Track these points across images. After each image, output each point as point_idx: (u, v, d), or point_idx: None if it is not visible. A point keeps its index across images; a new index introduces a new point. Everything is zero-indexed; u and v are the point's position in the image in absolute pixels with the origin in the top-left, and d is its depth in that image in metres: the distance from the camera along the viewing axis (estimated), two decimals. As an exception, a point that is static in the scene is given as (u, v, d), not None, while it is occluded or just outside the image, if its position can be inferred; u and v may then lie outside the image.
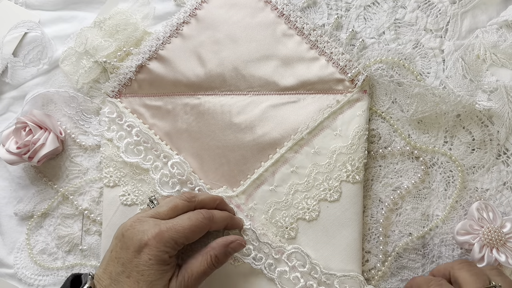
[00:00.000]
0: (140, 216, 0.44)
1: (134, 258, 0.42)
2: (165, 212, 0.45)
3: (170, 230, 0.42)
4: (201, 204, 0.47)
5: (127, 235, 0.43)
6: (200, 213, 0.45)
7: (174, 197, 0.47)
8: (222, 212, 0.48)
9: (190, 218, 0.44)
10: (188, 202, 0.46)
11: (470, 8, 0.53)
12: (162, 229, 0.42)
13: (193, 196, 0.47)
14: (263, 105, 0.53)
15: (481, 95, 0.51)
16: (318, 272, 0.49)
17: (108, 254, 0.44)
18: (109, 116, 0.56)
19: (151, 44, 0.55)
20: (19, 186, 0.59)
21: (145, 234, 0.42)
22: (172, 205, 0.45)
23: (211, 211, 0.46)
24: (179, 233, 0.43)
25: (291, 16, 0.54)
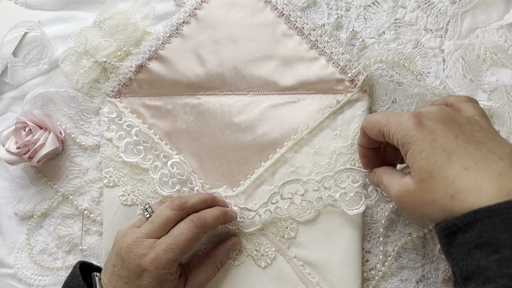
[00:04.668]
0: (136, 237, 0.45)
1: (136, 280, 0.44)
2: (159, 228, 0.45)
3: (166, 252, 0.43)
4: (192, 209, 0.47)
5: (126, 258, 0.44)
6: (191, 222, 0.45)
7: (165, 208, 0.46)
8: (213, 210, 0.48)
9: (182, 233, 0.44)
10: (179, 211, 0.46)
11: (470, 8, 0.53)
12: (159, 253, 0.43)
13: (183, 203, 0.47)
14: (263, 105, 0.53)
15: (481, 95, 0.51)
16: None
17: (111, 267, 0.46)
18: (108, 116, 0.55)
19: (151, 44, 0.55)
20: (19, 186, 0.59)
21: (143, 259, 0.43)
22: (164, 219, 0.45)
23: (202, 216, 0.46)
24: (175, 252, 0.43)
25: (291, 16, 0.54)
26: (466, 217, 0.33)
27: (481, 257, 0.32)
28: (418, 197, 0.37)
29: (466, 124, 0.37)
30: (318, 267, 0.50)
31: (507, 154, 0.35)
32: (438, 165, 0.36)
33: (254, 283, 0.51)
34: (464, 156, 0.35)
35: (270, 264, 0.51)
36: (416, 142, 0.37)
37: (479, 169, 0.34)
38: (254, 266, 0.51)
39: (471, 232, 0.33)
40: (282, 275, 0.50)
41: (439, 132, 0.37)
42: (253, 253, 0.51)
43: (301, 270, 0.50)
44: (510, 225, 0.31)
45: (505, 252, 0.31)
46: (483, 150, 0.35)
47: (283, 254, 0.51)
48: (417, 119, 0.37)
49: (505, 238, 0.31)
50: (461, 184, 0.34)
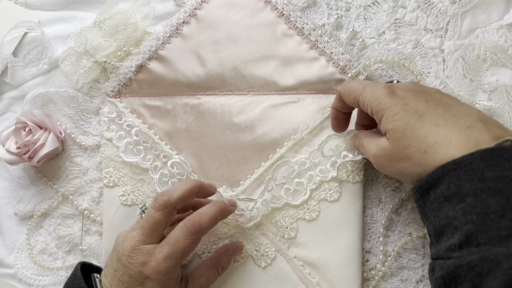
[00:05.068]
0: (134, 245, 0.44)
1: (138, 286, 0.44)
2: (150, 233, 0.44)
3: (165, 260, 0.43)
4: (180, 204, 0.45)
5: (127, 265, 0.44)
6: (186, 229, 0.44)
7: (150, 209, 0.45)
8: (209, 210, 0.45)
9: (178, 241, 0.43)
10: (164, 211, 0.44)
11: (470, 8, 0.53)
12: (158, 261, 0.43)
13: (166, 200, 0.44)
14: (263, 105, 0.53)
15: (482, 95, 0.51)
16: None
17: (112, 272, 0.45)
18: (108, 116, 0.55)
19: (151, 44, 0.55)
20: (19, 186, 0.59)
21: (144, 268, 0.43)
22: (152, 223, 0.44)
23: (197, 220, 0.44)
24: (173, 259, 0.43)
25: (291, 16, 0.54)
26: (436, 172, 0.36)
27: (450, 208, 0.35)
28: (393, 155, 0.40)
29: (435, 93, 0.41)
30: (318, 267, 0.50)
31: (475, 112, 0.38)
32: (410, 125, 0.38)
33: (254, 283, 0.51)
34: (434, 116, 0.38)
35: (270, 264, 0.51)
36: (389, 108, 0.40)
37: (448, 125, 0.37)
38: (254, 266, 0.51)
39: (440, 186, 0.35)
40: (282, 275, 0.50)
41: (410, 98, 0.40)
42: (253, 253, 0.51)
43: (301, 270, 0.50)
44: (473, 175, 0.33)
45: (469, 200, 0.33)
46: (452, 110, 0.38)
47: (283, 254, 0.51)
48: (390, 90, 0.41)
49: (469, 188, 0.33)
50: (432, 138, 0.37)
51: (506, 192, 0.32)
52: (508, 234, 0.31)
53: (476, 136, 0.35)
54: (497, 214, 0.32)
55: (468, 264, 0.32)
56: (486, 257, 0.31)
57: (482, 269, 0.31)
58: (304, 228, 0.51)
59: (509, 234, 0.31)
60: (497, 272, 0.31)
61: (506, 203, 0.32)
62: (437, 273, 0.36)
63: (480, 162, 0.34)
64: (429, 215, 0.38)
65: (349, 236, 0.49)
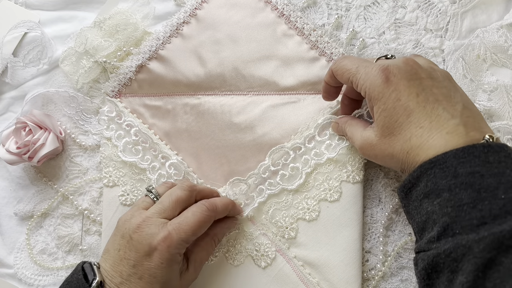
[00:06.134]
0: (146, 217, 0.44)
1: (145, 261, 0.43)
2: (169, 207, 0.45)
3: (178, 232, 0.43)
4: (200, 195, 0.48)
5: (135, 238, 0.43)
6: (203, 205, 0.46)
7: (175, 189, 0.47)
8: (223, 199, 0.49)
9: (194, 214, 0.44)
10: (189, 192, 0.46)
11: (470, 8, 0.53)
12: (171, 232, 0.43)
13: (193, 185, 0.47)
14: (263, 105, 0.53)
15: (482, 95, 0.51)
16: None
17: (115, 252, 0.44)
18: (108, 115, 0.55)
19: (151, 44, 0.55)
20: (19, 186, 0.59)
21: (154, 238, 0.42)
22: (175, 199, 0.45)
23: (213, 202, 0.47)
24: (187, 232, 0.43)
25: (291, 16, 0.54)
26: (415, 172, 0.39)
27: (429, 204, 0.38)
28: (380, 150, 0.42)
29: (427, 79, 0.41)
30: (318, 267, 0.50)
31: (459, 112, 0.40)
32: (399, 124, 0.40)
33: (254, 283, 0.51)
34: (421, 116, 0.40)
35: (270, 264, 0.51)
36: (381, 100, 0.41)
37: (432, 127, 0.39)
38: (254, 266, 0.51)
39: (420, 184, 0.38)
40: (282, 275, 0.50)
41: (403, 89, 0.40)
42: (253, 253, 0.51)
43: (301, 270, 0.50)
44: (447, 172, 0.36)
45: (444, 195, 0.36)
46: (439, 109, 0.40)
47: (283, 254, 0.51)
48: (384, 75, 0.41)
49: (444, 184, 0.36)
50: (416, 141, 0.39)
51: (477, 185, 0.35)
52: (479, 223, 0.34)
53: (454, 141, 0.38)
54: (469, 205, 0.35)
55: (444, 252, 0.35)
56: (459, 243, 0.34)
57: (456, 255, 0.34)
58: (304, 228, 0.51)
59: (480, 223, 0.34)
60: (469, 256, 0.33)
61: (477, 195, 0.35)
62: (419, 265, 0.38)
63: (453, 160, 0.37)
64: (412, 213, 0.40)
65: (349, 236, 0.49)
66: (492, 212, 0.34)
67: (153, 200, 0.47)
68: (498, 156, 0.37)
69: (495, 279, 0.32)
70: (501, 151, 0.37)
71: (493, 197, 0.35)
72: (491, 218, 0.34)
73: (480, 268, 0.33)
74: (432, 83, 0.41)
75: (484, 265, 0.33)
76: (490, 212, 0.34)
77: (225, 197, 0.50)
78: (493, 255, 0.33)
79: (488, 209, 0.34)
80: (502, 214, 0.34)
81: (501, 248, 0.32)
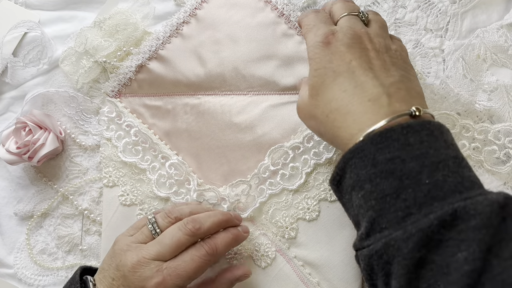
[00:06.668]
0: (142, 257, 0.42)
1: None
2: (169, 251, 0.43)
3: (173, 277, 0.41)
4: (205, 235, 0.45)
5: (129, 276, 0.42)
6: (202, 249, 0.43)
7: (178, 230, 0.43)
8: (225, 237, 0.45)
9: (193, 259, 0.42)
10: (192, 238, 0.44)
11: (470, 8, 0.53)
12: (165, 278, 0.41)
13: (197, 229, 0.44)
14: (263, 105, 0.53)
15: (482, 95, 0.51)
16: None
17: (109, 279, 0.43)
18: (108, 116, 0.55)
19: (151, 44, 0.55)
20: (19, 186, 0.59)
21: (148, 282, 0.41)
22: (176, 243, 0.43)
23: (214, 242, 0.44)
24: (183, 278, 0.42)
25: (291, 16, 0.54)
26: (340, 163, 0.36)
27: (356, 197, 0.35)
28: (307, 110, 0.41)
29: (371, 51, 0.39)
30: (319, 267, 0.50)
31: (389, 83, 0.37)
32: (325, 84, 0.39)
33: (254, 283, 0.51)
34: (347, 79, 0.37)
35: (270, 264, 0.51)
36: (315, 60, 0.40)
37: (355, 93, 0.37)
38: (254, 267, 0.51)
39: (346, 176, 0.36)
40: (282, 275, 0.50)
41: (339, 54, 0.39)
42: (253, 253, 0.51)
43: (301, 270, 0.50)
44: (366, 162, 0.34)
45: (367, 186, 0.34)
46: (369, 75, 0.37)
47: (283, 254, 0.51)
48: (327, 39, 0.40)
49: (365, 174, 0.34)
50: (335, 104, 0.38)
51: (398, 172, 0.33)
52: (405, 215, 0.32)
53: (375, 110, 0.35)
54: (392, 196, 0.32)
55: (376, 253, 0.33)
56: (388, 243, 0.32)
57: (388, 257, 0.32)
58: (304, 228, 0.51)
59: (405, 214, 0.32)
60: (399, 257, 0.31)
61: (399, 184, 0.32)
62: (361, 265, 0.36)
63: (370, 147, 0.34)
64: (347, 207, 0.38)
65: (349, 236, 0.49)
66: (417, 201, 0.32)
67: (151, 233, 0.45)
68: (420, 136, 0.33)
69: (429, 279, 0.30)
70: (422, 130, 0.34)
71: (416, 184, 0.32)
72: (417, 207, 0.31)
73: (411, 270, 0.30)
74: (375, 55, 0.39)
75: (415, 266, 0.30)
76: (415, 201, 0.32)
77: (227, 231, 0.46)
78: (423, 254, 0.30)
79: (412, 198, 0.32)
80: (428, 201, 0.31)
81: (431, 244, 0.30)
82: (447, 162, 0.33)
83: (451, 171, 0.33)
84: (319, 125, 0.40)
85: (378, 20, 0.43)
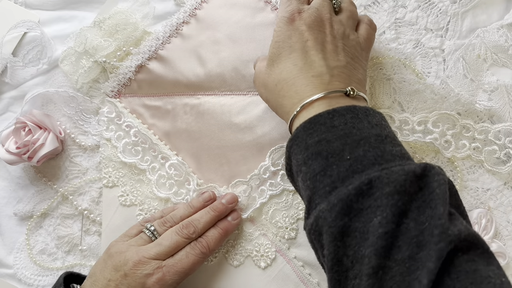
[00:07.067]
0: (143, 257, 0.45)
1: None
2: (167, 251, 0.46)
3: (172, 274, 0.45)
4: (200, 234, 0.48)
5: (130, 275, 0.44)
6: (197, 248, 0.47)
7: (175, 234, 0.47)
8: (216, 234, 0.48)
9: (188, 257, 0.46)
10: (188, 240, 0.47)
11: (471, 8, 0.53)
12: (165, 274, 0.45)
13: (192, 233, 0.47)
14: (263, 105, 0.53)
15: (482, 95, 0.51)
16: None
17: (104, 281, 0.45)
18: (108, 116, 0.55)
19: (150, 44, 0.55)
20: (19, 186, 0.58)
21: (148, 279, 0.44)
22: (174, 244, 0.46)
23: (206, 241, 0.48)
24: (180, 274, 0.45)
25: (291, 15, 0.53)
26: (286, 153, 0.40)
27: (299, 181, 0.38)
28: (262, 78, 0.45)
29: (328, 35, 0.43)
30: (319, 268, 0.49)
31: (334, 65, 0.41)
32: (281, 57, 0.42)
33: (254, 284, 0.51)
34: (300, 56, 0.41)
35: (270, 264, 0.51)
36: (277, 33, 0.43)
37: (303, 68, 0.41)
38: (254, 267, 0.51)
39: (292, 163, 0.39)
40: (282, 275, 0.50)
41: (299, 32, 0.42)
42: (252, 254, 0.51)
43: (301, 270, 0.50)
44: (301, 147, 0.37)
45: (303, 169, 0.37)
46: (319, 56, 0.41)
47: (283, 255, 0.50)
48: (292, 16, 0.43)
49: (300, 158, 0.37)
50: (284, 75, 0.42)
51: (324, 152, 0.36)
52: (331, 189, 0.34)
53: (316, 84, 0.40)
54: (321, 174, 0.35)
55: (312, 227, 0.35)
56: (318, 216, 0.34)
57: (318, 228, 0.34)
58: (304, 228, 0.51)
59: (331, 188, 0.34)
60: (325, 227, 0.33)
61: (325, 162, 0.35)
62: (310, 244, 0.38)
63: (303, 133, 0.37)
64: (299, 192, 0.41)
65: (349, 236, 0.49)
66: (340, 175, 0.34)
67: (151, 239, 0.48)
68: (344, 118, 0.37)
69: (354, 246, 0.32)
70: (347, 113, 0.37)
71: (340, 160, 0.35)
72: (340, 181, 0.34)
73: (337, 238, 0.32)
74: (330, 40, 0.42)
75: (341, 233, 0.32)
76: (338, 176, 0.34)
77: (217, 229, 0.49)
78: (346, 222, 0.32)
79: (336, 173, 0.34)
80: (349, 175, 0.34)
81: (352, 213, 0.32)
82: (368, 139, 0.35)
83: (372, 147, 0.35)
84: (268, 93, 0.44)
85: (348, 11, 0.46)
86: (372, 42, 0.47)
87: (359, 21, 0.47)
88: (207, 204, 0.50)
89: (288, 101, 0.41)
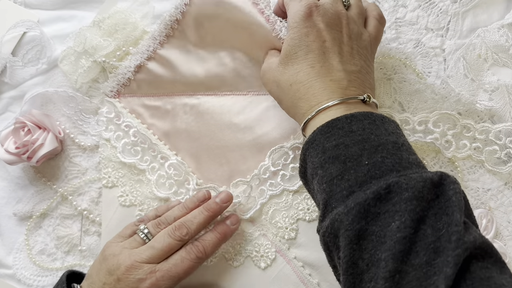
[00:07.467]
0: (135, 261, 0.44)
1: None
2: (160, 255, 0.45)
3: (166, 279, 0.44)
4: (194, 236, 0.47)
5: (123, 279, 0.44)
6: (192, 252, 0.46)
7: (168, 236, 0.46)
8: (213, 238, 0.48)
9: (183, 261, 0.45)
10: (181, 242, 0.46)
11: (471, 7, 0.52)
12: (158, 279, 0.44)
13: (185, 235, 0.46)
14: (263, 105, 0.53)
15: (483, 95, 0.51)
16: None
17: (100, 284, 0.45)
18: (107, 116, 0.55)
19: (148, 44, 0.55)
20: (18, 186, 0.58)
21: (141, 284, 0.43)
22: (167, 247, 0.45)
23: (203, 245, 0.46)
24: (174, 279, 0.44)
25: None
26: (301, 155, 0.40)
27: (315, 184, 0.38)
28: (272, 75, 0.44)
29: (345, 36, 0.42)
30: (319, 268, 0.49)
31: (351, 70, 0.41)
32: (297, 56, 0.42)
33: (253, 284, 0.50)
34: (317, 57, 0.41)
35: (270, 265, 0.50)
36: (294, 29, 0.42)
37: (320, 72, 0.41)
38: (253, 267, 0.51)
39: (307, 166, 0.39)
40: (282, 276, 0.50)
41: (316, 30, 0.41)
42: (252, 254, 0.51)
43: (301, 271, 0.50)
44: (318, 150, 0.37)
45: (319, 172, 0.37)
46: (336, 59, 0.41)
47: (283, 255, 0.50)
48: (309, 11, 0.42)
49: (317, 161, 0.37)
50: (301, 77, 0.41)
51: (342, 156, 0.36)
52: (348, 193, 0.34)
53: (334, 89, 0.40)
54: (338, 178, 0.35)
55: (327, 230, 0.35)
56: (334, 218, 0.34)
57: (335, 230, 0.34)
58: (305, 228, 0.50)
59: (349, 192, 0.34)
60: (342, 229, 0.33)
61: (343, 166, 0.35)
62: (322, 247, 0.38)
63: (320, 136, 0.38)
64: (313, 195, 0.41)
65: (350, 236, 0.49)
66: (358, 180, 0.34)
67: (144, 241, 0.47)
68: (362, 124, 0.37)
69: (370, 249, 0.32)
70: (365, 119, 0.37)
71: (357, 165, 0.35)
72: (358, 185, 0.34)
73: (353, 241, 0.32)
74: (346, 41, 0.42)
75: (357, 237, 0.32)
76: (356, 181, 0.34)
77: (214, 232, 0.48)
78: (362, 225, 0.32)
79: (354, 178, 0.35)
80: (367, 180, 0.34)
81: (370, 216, 0.32)
82: (386, 145, 0.36)
83: (390, 153, 0.35)
84: (280, 91, 0.44)
85: (358, 6, 0.45)
86: (380, 40, 0.47)
87: (367, 14, 0.46)
88: (202, 203, 0.49)
89: (305, 104, 0.41)
